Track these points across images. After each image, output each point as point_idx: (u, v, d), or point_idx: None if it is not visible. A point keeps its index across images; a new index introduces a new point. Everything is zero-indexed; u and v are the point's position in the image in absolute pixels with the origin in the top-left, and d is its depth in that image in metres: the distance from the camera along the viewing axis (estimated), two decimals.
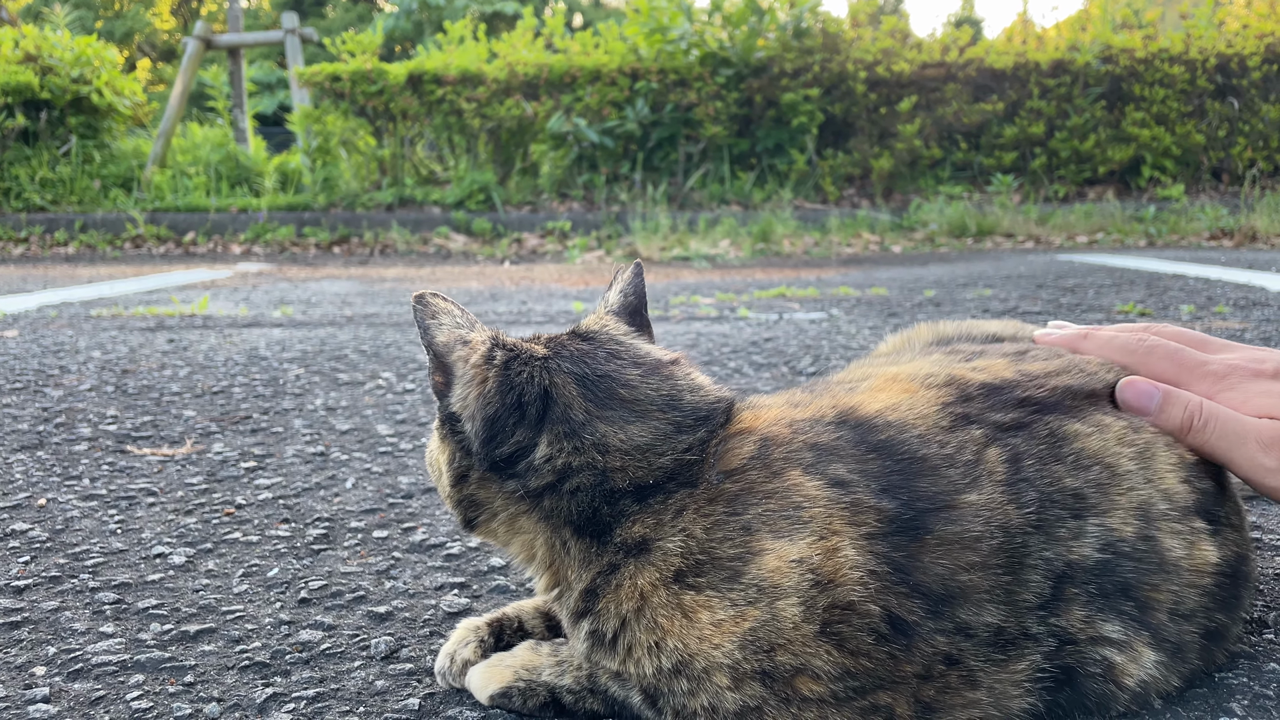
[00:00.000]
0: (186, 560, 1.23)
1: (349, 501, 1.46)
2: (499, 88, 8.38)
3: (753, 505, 0.77)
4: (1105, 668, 0.79)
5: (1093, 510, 0.80)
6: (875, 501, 0.76)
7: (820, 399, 0.87)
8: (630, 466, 0.80)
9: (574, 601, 0.81)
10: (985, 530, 0.76)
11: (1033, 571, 0.77)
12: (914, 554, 0.75)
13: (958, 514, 0.76)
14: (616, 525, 0.80)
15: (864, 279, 4.84)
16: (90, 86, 8.78)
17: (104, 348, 2.90)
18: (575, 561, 0.81)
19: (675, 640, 0.75)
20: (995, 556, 0.76)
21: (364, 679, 0.92)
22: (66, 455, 1.73)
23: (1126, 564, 0.79)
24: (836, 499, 0.76)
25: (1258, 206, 7.51)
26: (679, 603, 0.75)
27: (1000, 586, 0.76)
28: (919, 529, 0.75)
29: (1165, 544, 0.81)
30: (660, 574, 0.77)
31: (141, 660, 0.96)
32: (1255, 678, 0.89)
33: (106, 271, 6.13)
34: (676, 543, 0.77)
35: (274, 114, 16.93)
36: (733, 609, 0.74)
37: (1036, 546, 0.77)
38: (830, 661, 0.73)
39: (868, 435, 0.81)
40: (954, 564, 0.75)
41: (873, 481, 0.77)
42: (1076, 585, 0.78)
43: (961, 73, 8.44)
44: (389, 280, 5.34)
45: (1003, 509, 0.77)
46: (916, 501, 0.77)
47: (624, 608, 0.78)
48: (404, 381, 2.37)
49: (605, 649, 0.80)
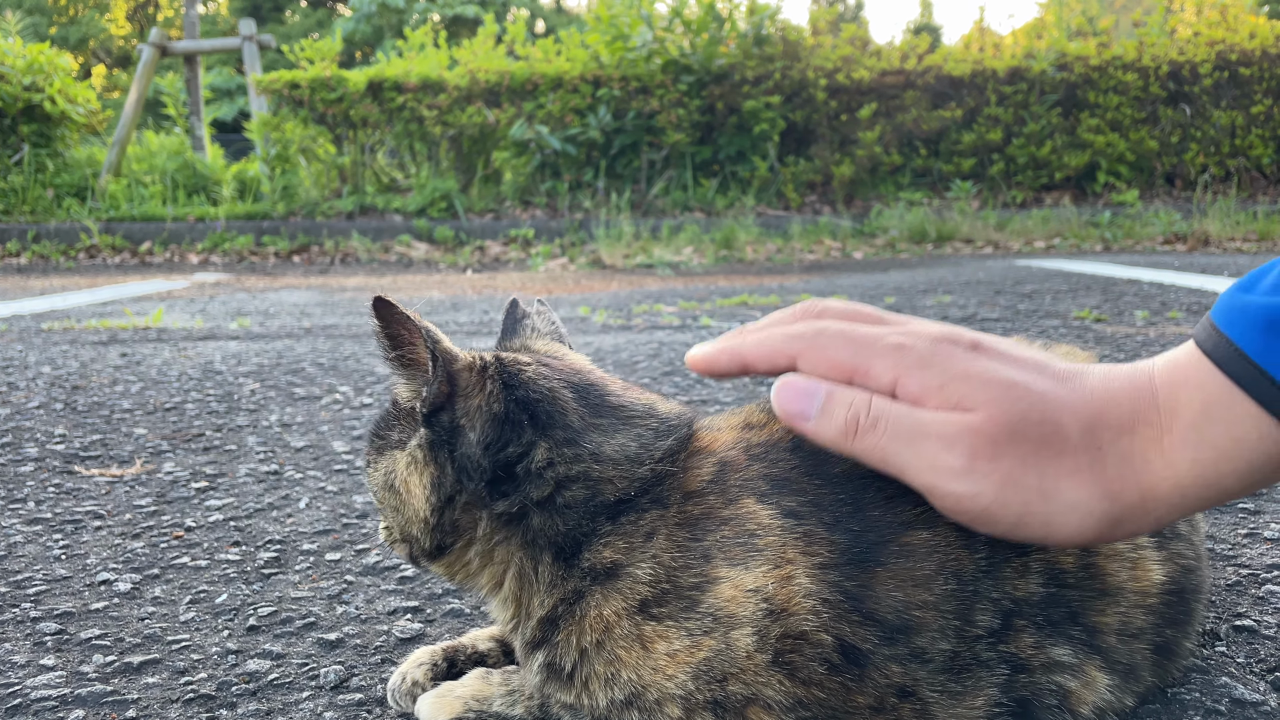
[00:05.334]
0: (132, 587, 1.20)
1: (302, 522, 1.43)
2: (460, 95, 8.34)
3: (711, 531, 0.76)
4: (1060, 696, 0.78)
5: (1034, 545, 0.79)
6: (827, 534, 0.75)
7: (777, 420, 0.86)
8: (618, 477, 0.78)
9: (530, 631, 0.79)
10: (938, 572, 0.75)
11: (983, 613, 0.76)
12: (866, 584, 0.74)
13: (910, 549, 0.75)
14: (587, 546, 0.77)
15: (826, 286, 4.86)
16: (43, 94, 8.63)
17: (54, 363, 2.84)
18: (542, 587, 0.78)
19: (630, 672, 0.74)
20: (947, 601, 0.74)
21: (312, 710, 0.90)
22: (12, 477, 1.69)
23: (1071, 593, 0.79)
24: (790, 528, 0.75)
25: (1210, 211, 7.65)
26: (639, 633, 0.74)
27: (951, 627, 0.75)
28: (870, 561, 0.74)
29: (1106, 569, 0.81)
30: (626, 603, 0.75)
31: (82, 694, 0.93)
32: (1208, 693, 0.89)
33: (60, 283, 6.02)
34: (646, 570, 0.75)
35: (233, 120, 16.75)
36: (688, 639, 0.73)
37: (986, 590, 0.76)
38: (782, 691, 0.72)
39: (822, 465, 0.80)
40: (908, 599, 0.74)
41: (824, 514, 0.76)
42: (1024, 617, 0.77)
43: (920, 80, 8.52)
44: (349, 290, 5.29)
45: (955, 554, 0.76)
46: (868, 533, 0.76)
47: (585, 639, 0.76)
48: (361, 396, 2.34)
49: (561, 682, 0.78)
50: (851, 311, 0.81)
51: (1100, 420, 0.73)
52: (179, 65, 10.20)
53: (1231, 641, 0.99)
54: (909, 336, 0.75)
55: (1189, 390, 0.72)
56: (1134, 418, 0.73)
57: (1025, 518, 0.70)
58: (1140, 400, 0.73)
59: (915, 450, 0.71)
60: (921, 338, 0.75)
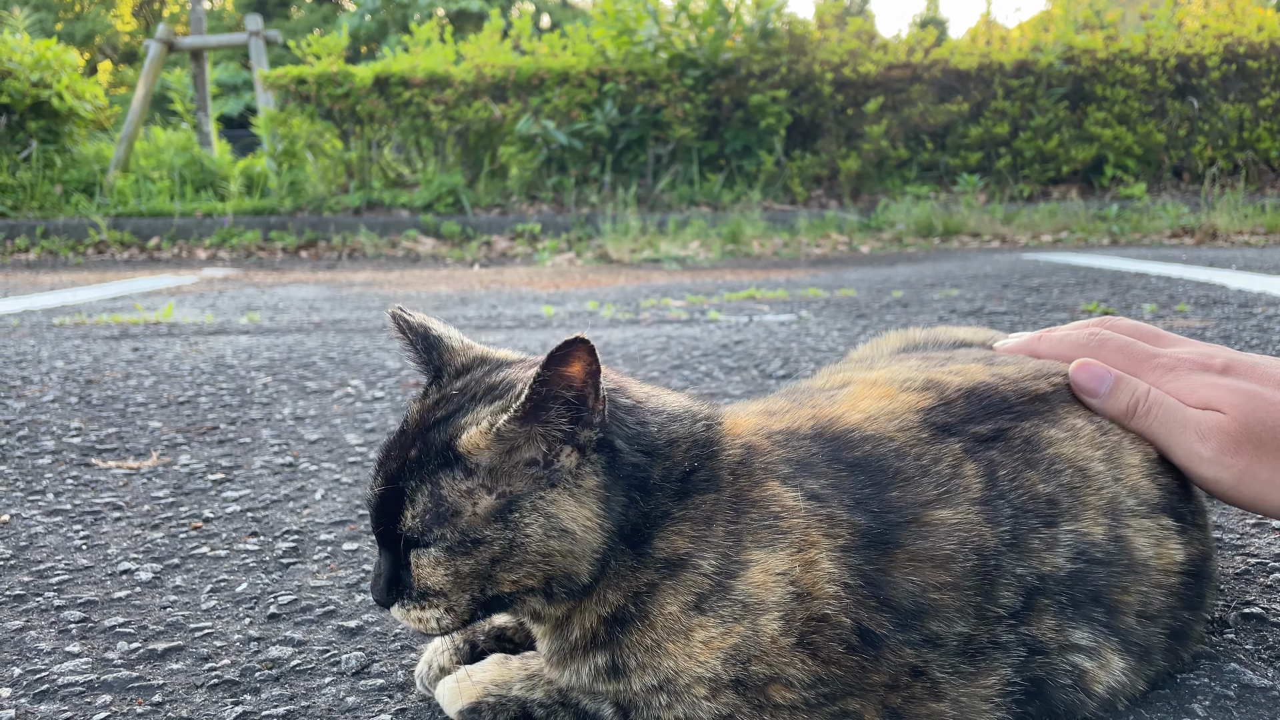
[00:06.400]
0: (153, 576, 1.22)
1: (318, 513, 1.45)
2: (466, 90, 8.35)
3: (742, 514, 0.78)
4: (1075, 677, 0.80)
5: (1065, 515, 0.81)
6: (848, 516, 0.77)
7: (799, 409, 0.88)
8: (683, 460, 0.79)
9: (584, 631, 0.78)
10: (958, 550, 0.77)
11: (1005, 589, 0.78)
12: (885, 569, 0.76)
13: (929, 529, 0.77)
14: (659, 532, 0.77)
15: (833, 280, 4.87)
16: (50, 90, 8.66)
17: (67, 357, 2.86)
18: (608, 584, 0.77)
19: (671, 661, 0.76)
20: (968, 578, 0.77)
21: (334, 695, 0.92)
22: (30, 469, 1.71)
23: (1098, 570, 0.81)
24: (813, 510, 0.77)
25: (1218, 204, 7.63)
26: (687, 626, 0.76)
27: (971, 605, 0.77)
28: (889, 543, 0.76)
29: (1135, 542, 0.83)
30: (690, 596, 0.76)
31: (109, 680, 0.95)
32: (1216, 678, 0.90)
33: (69, 278, 6.05)
34: (710, 562, 0.76)
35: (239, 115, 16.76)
36: (722, 626, 0.75)
37: (1010, 565, 0.78)
38: (804, 670, 0.74)
39: (843, 451, 0.82)
40: (924, 581, 0.76)
41: (846, 496, 0.78)
42: (1048, 596, 0.79)
43: (927, 74, 8.51)
44: (357, 284, 5.31)
45: (978, 530, 0.78)
46: (887, 514, 0.77)
47: (650, 637, 0.76)
48: (373, 389, 2.35)
49: (610, 678, 0.78)
50: (1135, 328, 1.03)
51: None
52: (185, 61, 10.22)
53: (1240, 629, 1.00)
54: (1172, 358, 0.96)
55: None
56: None
57: (1258, 501, 0.89)
58: None
59: (1178, 437, 0.90)
60: (1182, 360, 0.96)
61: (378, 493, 0.78)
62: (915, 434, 0.83)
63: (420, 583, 0.77)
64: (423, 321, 0.89)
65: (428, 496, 0.75)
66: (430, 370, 0.87)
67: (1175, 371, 0.95)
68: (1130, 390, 0.92)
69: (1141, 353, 0.98)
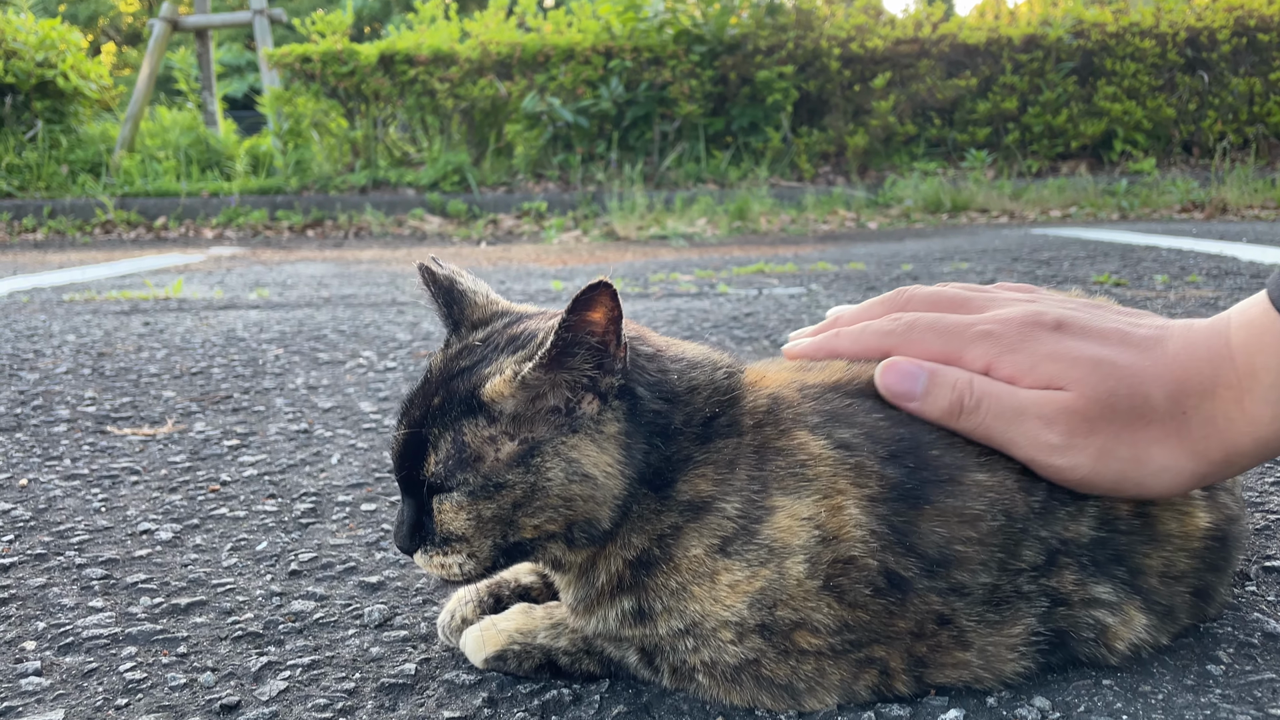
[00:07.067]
0: (174, 536, 1.22)
1: (335, 477, 1.45)
2: (472, 67, 8.32)
3: (768, 461, 0.78)
4: (1098, 631, 0.80)
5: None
6: (879, 468, 0.77)
7: (842, 364, 0.87)
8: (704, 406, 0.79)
9: (610, 577, 0.78)
10: (988, 511, 0.77)
11: (1028, 549, 0.78)
12: (912, 520, 0.76)
13: (962, 489, 0.77)
14: (682, 475, 0.77)
15: (841, 255, 4.86)
16: (55, 70, 8.64)
17: (78, 331, 2.87)
18: (631, 528, 0.77)
19: (697, 605, 0.76)
20: (994, 536, 0.76)
21: (358, 646, 0.92)
22: (46, 436, 1.72)
23: (1120, 539, 0.80)
24: (841, 459, 0.77)
25: (1228, 179, 7.59)
26: (713, 569, 0.76)
27: (994, 560, 0.77)
28: (920, 499, 0.76)
29: (1159, 517, 0.82)
30: (713, 540, 0.76)
31: (133, 633, 0.95)
32: (1240, 627, 0.90)
33: (77, 257, 6.05)
34: (735, 505, 0.76)
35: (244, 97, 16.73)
36: (748, 569, 0.75)
37: (1035, 529, 0.78)
38: (830, 615, 0.74)
39: (885, 405, 0.81)
40: (951, 534, 0.76)
41: (879, 448, 0.78)
42: (1069, 556, 0.79)
43: (935, 49, 8.46)
44: (365, 262, 5.30)
45: (1011, 495, 0.78)
46: (922, 471, 0.77)
47: (675, 580, 0.76)
48: (385, 360, 2.35)
49: (636, 622, 0.78)
50: (937, 298, 0.88)
51: (1183, 388, 0.78)
52: (190, 41, 10.20)
53: (1262, 581, 1.00)
54: (996, 323, 0.82)
55: (1266, 355, 0.76)
56: (1214, 381, 0.77)
57: (1121, 483, 0.77)
58: (1219, 364, 0.78)
59: (1017, 428, 0.77)
60: (1008, 323, 0.81)
61: (401, 439, 0.78)
62: None
63: (443, 528, 0.77)
64: (450, 274, 0.88)
65: (450, 443, 0.75)
66: (451, 322, 0.87)
67: (1004, 339, 0.80)
68: (949, 385, 0.78)
69: (957, 325, 0.83)
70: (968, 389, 0.78)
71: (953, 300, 0.88)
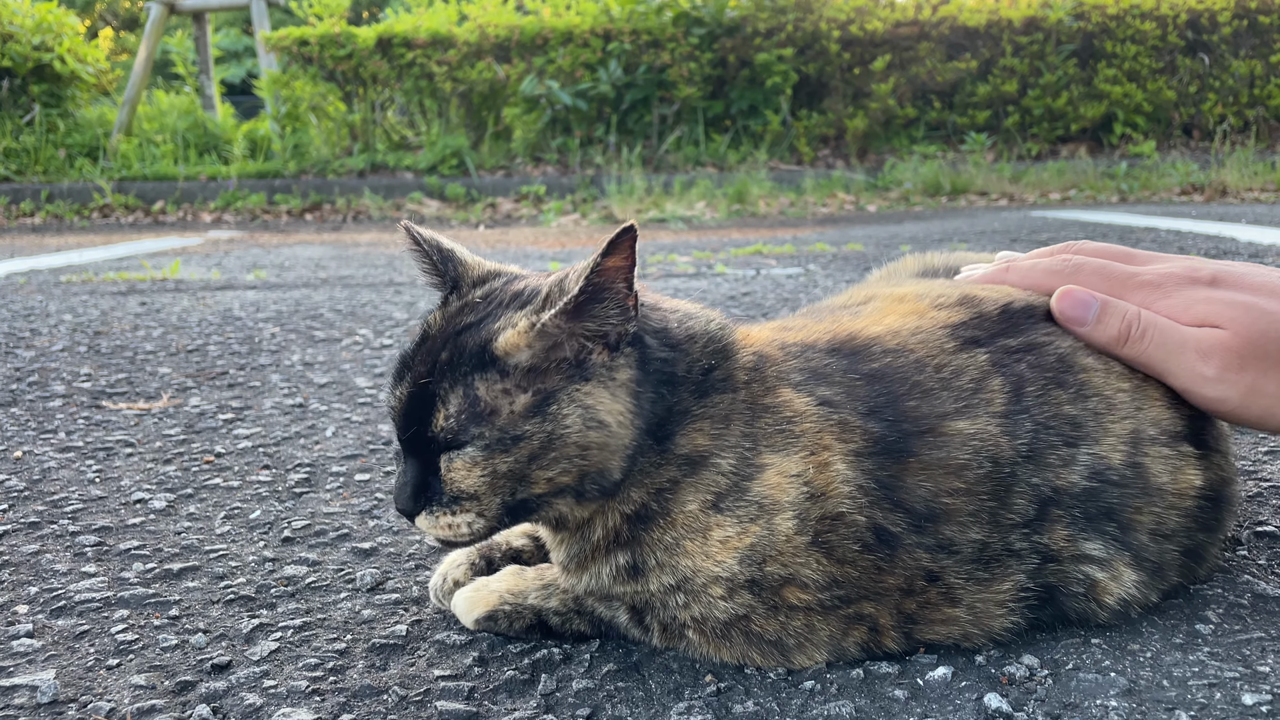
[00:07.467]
0: (167, 505, 1.23)
1: (330, 448, 1.46)
2: (470, 50, 8.28)
3: (756, 418, 0.78)
4: (1087, 586, 0.80)
5: (1087, 439, 0.80)
6: (862, 423, 0.77)
7: (816, 324, 0.87)
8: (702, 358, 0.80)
9: (608, 532, 0.78)
10: (973, 459, 0.77)
11: (1018, 497, 0.78)
12: (897, 474, 0.76)
13: (944, 440, 0.77)
14: (680, 428, 0.77)
15: (840, 237, 4.85)
16: (52, 54, 8.60)
17: (75, 311, 2.86)
18: (632, 482, 0.77)
19: (688, 560, 0.76)
20: (981, 484, 0.76)
21: (350, 609, 0.92)
22: (41, 411, 1.72)
23: (1112, 490, 0.80)
24: (826, 416, 0.77)
25: (1228, 162, 7.56)
26: (706, 524, 0.76)
27: (984, 510, 0.77)
28: (903, 451, 0.76)
29: (1152, 469, 0.82)
30: (709, 495, 0.76)
31: (125, 597, 0.96)
32: (1230, 589, 0.90)
33: (75, 240, 6.04)
34: (729, 461, 0.76)
35: (241, 82, 16.65)
36: (738, 525, 0.75)
37: (1025, 475, 0.78)
38: (819, 571, 0.75)
39: (859, 363, 0.81)
40: (937, 487, 0.76)
41: (859, 404, 0.78)
42: (1061, 508, 0.79)
43: (935, 31, 8.41)
44: (363, 245, 5.29)
45: (995, 440, 0.78)
46: (902, 424, 0.77)
47: (670, 535, 0.76)
48: (381, 338, 2.35)
49: (630, 578, 0.78)
50: (1106, 250, 0.96)
51: None
52: (187, 24, 10.14)
53: (1253, 546, 1.00)
54: (1156, 275, 0.90)
55: None
56: None
57: (1265, 418, 0.85)
58: None
59: (1176, 359, 0.85)
60: (1168, 276, 0.90)
61: (404, 396, 0.77)
62: (940, 346, 0.83)
63: (453, 487, 0.75)
64: (433, 236, 0.89)
65: (462, 397, 0.74)
66: (447, 281, 0.86)
67: (1162, 289, 0.89)
68: (1120, 314, 0.86)
69: (1121, 273, 0.91)
70: (1136, 319, 0.86)
71: (1119, 253, 0.96)
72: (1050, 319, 0.88)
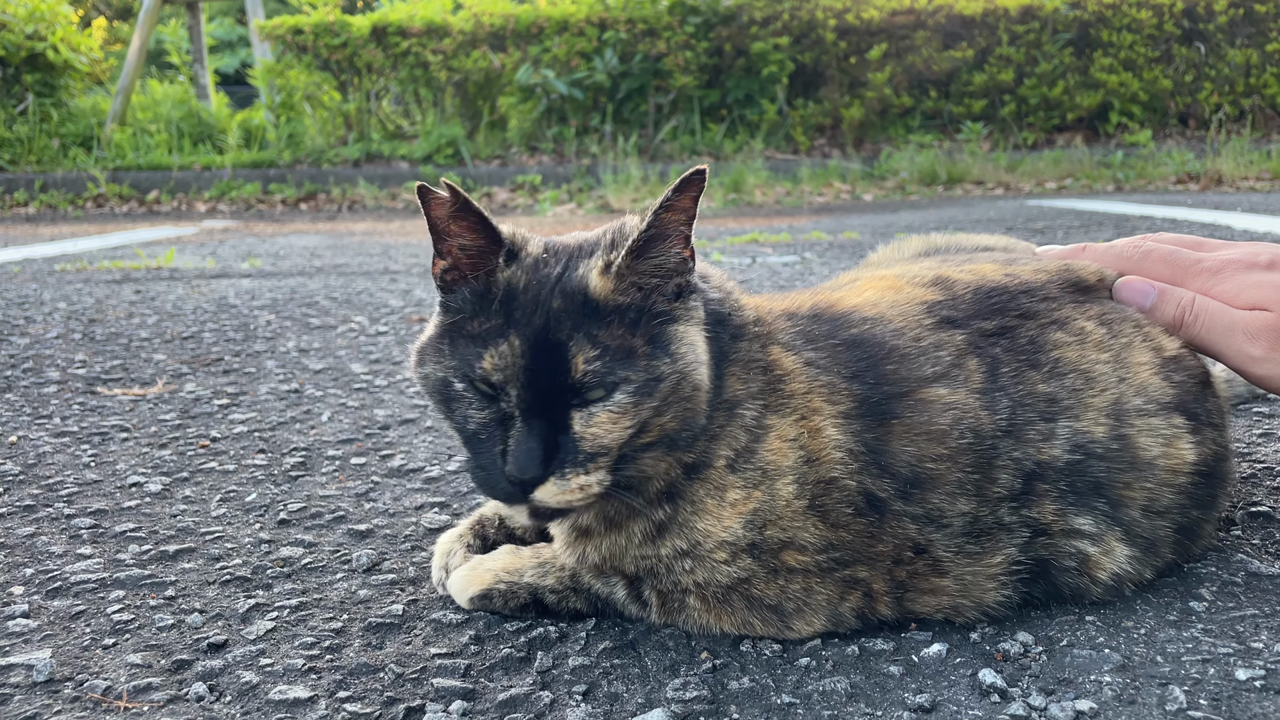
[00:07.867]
0: (163, 488, 1.22)
1: (325, 433, 1.45)
2: (465, 39, 8.25)
3: (765, 371, 0.80)
4: (1079, 560, 0.81)
5: (1065, 414, 0.81)
6: (846, 385, 0.79)
7: (799, 295, 0.90)
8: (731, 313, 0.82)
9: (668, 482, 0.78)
10: (953, 427, 0.78)
11: (1001, 470, 0.78)
12: (883, 437, 0.77)
13: (925, 404, 0.78)
14: (723, 371, 0.78)
15: (836, 225, 4.85)
16: (45, 43, 8.56)
17: (69, 299, 2.86)
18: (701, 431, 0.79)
19: (701, 522, 0.77)
20: (964, 454, 0.78)
21: (346, 589, 0.92)
22: (36, 397, 1.71)
23: (1098, 464, 0.80)
24: (813, 377, 0.79)
25: (1223, 150, 7.56)
26: (724, 483, 0.77)
27: (969, 481, 0.77)
28: (886, 414, 0.78)
29: (1139, 442, 0.82)
30: (731, 451, 0.77)
31: (121, 578, 0.96)
32: (1224, 567, 0.91)
33: (69, 230, 6.02)
34: (752, 412, 0.78)
35: (236, 72, 16.58)
36: (745, 489, 0.76)
37: (1006, 448, 0.79)
38: (815, 534, 0.76)
39: (840, 329, 0.83)
40: (920, 452, 0.77)
41: (842, 367, 0.80)
42: (1047, 482, 0.80)
43: (931, 20, 8.40)
44: (358, 234, 5.28)
45: (974, 413, 0.79)
46: (883, 385, 0.79)
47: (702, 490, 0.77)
48: (376, 325, 2.35)
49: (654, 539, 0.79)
50: (1178, 239, 1.02)
51: None
52: (181, 14, 10.09)
53: (1247, 526, 1.01)
54: (1216, 261, 0.96)
55: None
56: None
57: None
58: None
59: (1227, 341, 0.91)
60: (1227, 262, 0.96)
61: (525, 348, 0.71)
62: (917, 319, 0.84)
63: (594, 442, 0.71)
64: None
65: (591, 344, 0.71)
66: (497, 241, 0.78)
67: (1220, 274, 0.95)
68: (1175, 301, 0.93)
69: (1186, 260, 0.98)
70: (1189, 305, 0.92)
71: (1190, 241, 1.02)
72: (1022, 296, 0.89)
